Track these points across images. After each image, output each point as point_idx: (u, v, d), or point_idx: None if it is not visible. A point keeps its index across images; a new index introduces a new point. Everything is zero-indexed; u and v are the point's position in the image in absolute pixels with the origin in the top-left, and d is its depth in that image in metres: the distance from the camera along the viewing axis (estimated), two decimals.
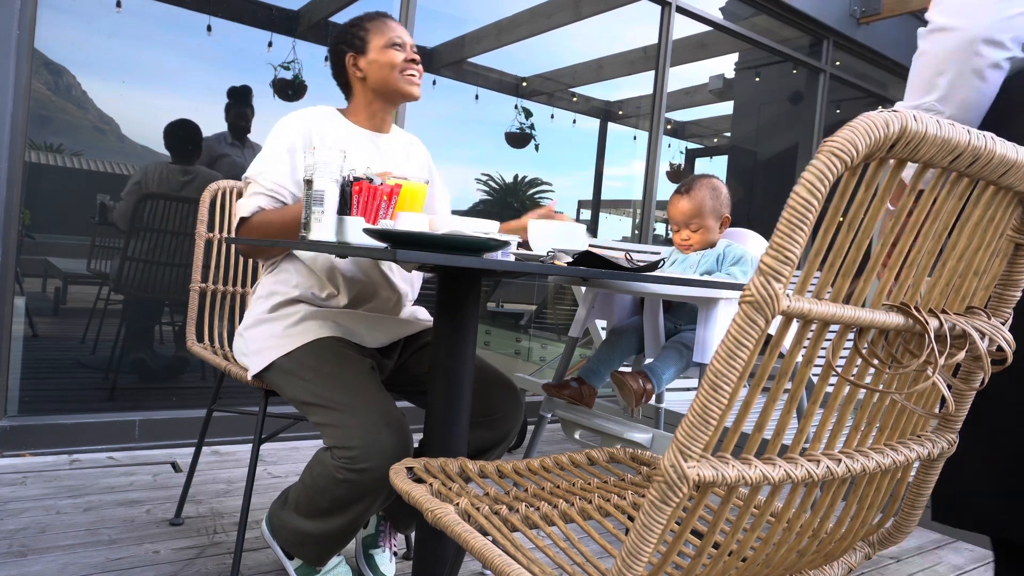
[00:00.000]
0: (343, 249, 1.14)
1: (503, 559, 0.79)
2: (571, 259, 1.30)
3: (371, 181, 1.34)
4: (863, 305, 0.65)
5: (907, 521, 0.91)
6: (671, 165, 4.83)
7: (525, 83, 4.18)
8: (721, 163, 5.35)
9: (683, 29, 4.13)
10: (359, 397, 1.39)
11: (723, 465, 0.62)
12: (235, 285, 2.08)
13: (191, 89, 2.89)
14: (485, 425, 1.61)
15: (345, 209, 1.32)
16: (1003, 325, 0.79)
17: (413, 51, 1.66)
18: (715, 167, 5.38)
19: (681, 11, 4.04)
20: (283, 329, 1.55)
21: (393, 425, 1.36)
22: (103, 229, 2.78)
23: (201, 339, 1.96)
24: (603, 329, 2.62)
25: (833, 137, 0.55)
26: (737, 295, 1.74)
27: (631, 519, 1.01)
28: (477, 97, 4.01)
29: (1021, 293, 0.80)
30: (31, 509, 2.00)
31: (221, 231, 2.05)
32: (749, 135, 5.48)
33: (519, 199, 4.36)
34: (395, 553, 1.80)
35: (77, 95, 2.68)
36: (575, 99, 4.47)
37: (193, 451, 2.00)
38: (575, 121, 4.40)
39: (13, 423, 2.42)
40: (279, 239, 1.51)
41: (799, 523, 0.73)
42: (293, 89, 3.13)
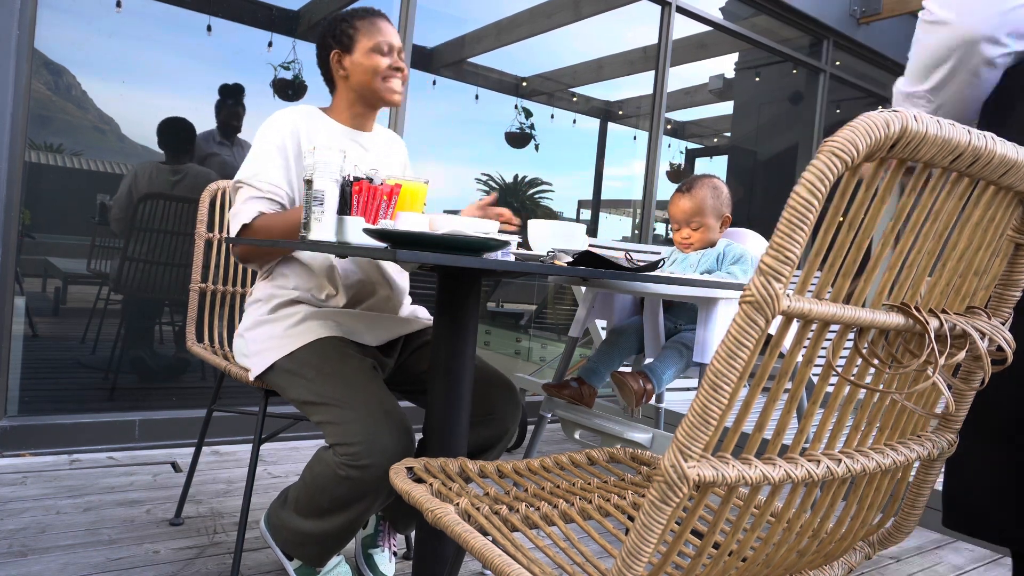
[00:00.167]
0: (343, 249, 1.14)
1: (503, 559, 0.79)
2: (571, 259, 1.30)
3: (371, 181, 1.34)
4: (863, 305, 0.65)
5: (907, 521, 0.91)
6: (671, 165, 4.83)
7: (525, 83, 4.18)
8: (721, 163, 5.35)
9: (683, 29, 4.13)
10: (361, 394, 1.40)
11: (723, 465, 0.62)
12: (235, 285, 2.08)
13: (191, 89, 2.89)
14: (483, 424, 1.61)
15: (345, 209, 1.32)
16: (1003, 325, 0.79)
17: (400, 58, 1.65)
18: (715, 167, 5.38)
19: (681, 11, 4.04)
20: (284, 330, 1.55)
21: (395, 423, 1.37)
22: (103, 229, 2.78)
23: (201, 339, 1.96)
24: (603, 329, 2.62)
25: (833, 137, 0.55)
26: (737, 295, 1.74)
27: (631, 519, 1.01)
28: (477, 97, 4.01)
29: (1021, 293, 0.80)
30: (31, 509, 2.00)
31: (221, 231, 2.05)
32: (749, 135, 5.48)
33: (519, 199, 4.36)
34: (395, 553, 1.80)
35: (77, 95, 2.68)
36: (575, 99, 4.47)
37: (193, 451, 2.00)
38: (575, 121, 4.40)
39: (13, 423, 2.42)
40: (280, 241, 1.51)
41: (799, 523, 0.73)
42: (293, 89, 3.13)
